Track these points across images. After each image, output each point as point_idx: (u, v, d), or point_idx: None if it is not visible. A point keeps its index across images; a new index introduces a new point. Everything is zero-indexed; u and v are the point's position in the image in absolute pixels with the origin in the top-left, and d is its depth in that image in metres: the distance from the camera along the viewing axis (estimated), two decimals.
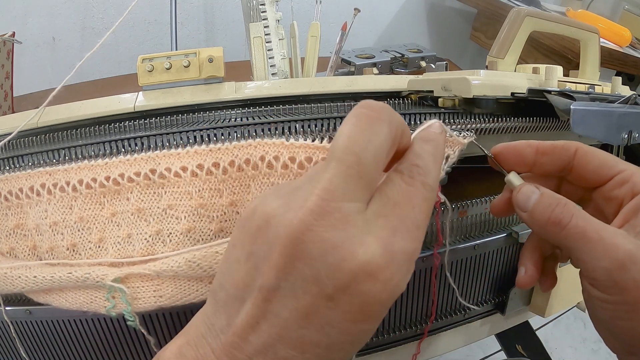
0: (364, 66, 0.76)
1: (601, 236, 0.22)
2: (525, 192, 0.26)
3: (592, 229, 0.23)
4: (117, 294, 0.28)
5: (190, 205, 0.28)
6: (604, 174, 0.25)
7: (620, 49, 0.88)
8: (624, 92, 0.40)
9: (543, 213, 0.25)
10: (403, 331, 0.37)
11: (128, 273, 0.27)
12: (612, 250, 0.22)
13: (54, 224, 0.29)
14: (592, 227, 0.23)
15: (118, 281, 0.27)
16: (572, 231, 0.23)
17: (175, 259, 0.27)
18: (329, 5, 0.98)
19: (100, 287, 0.28)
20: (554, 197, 0.25)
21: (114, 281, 0.27)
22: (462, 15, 1.23)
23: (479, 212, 0.37)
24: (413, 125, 0.35)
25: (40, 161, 0.31)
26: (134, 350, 0.33)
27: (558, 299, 0.41)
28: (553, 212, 0.24)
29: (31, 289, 0.29)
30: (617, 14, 1.01)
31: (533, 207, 0.25)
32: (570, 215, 0.24)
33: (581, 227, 0.23)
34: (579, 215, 0.24)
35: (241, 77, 0.40)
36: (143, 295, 0.28)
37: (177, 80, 0.36)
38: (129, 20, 0.92)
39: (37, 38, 0.86)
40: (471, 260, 0.38)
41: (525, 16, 0.44)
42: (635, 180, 0.24)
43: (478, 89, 0.33)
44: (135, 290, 0.28)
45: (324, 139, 0.27)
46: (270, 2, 0.46)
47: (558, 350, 1.16)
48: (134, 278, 0.28)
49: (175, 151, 0.28)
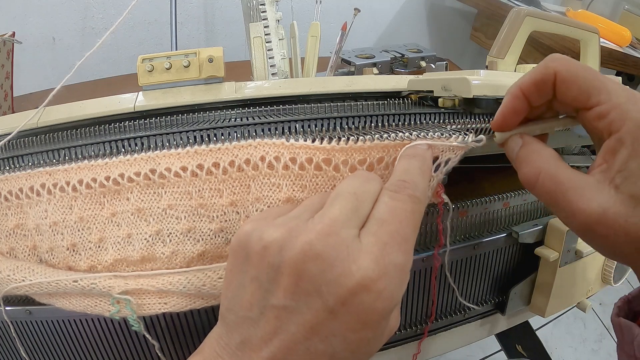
0: (364, 66, 0.76)
1: (569, 198, 0.22)
2: (510, 145, 0.25)
3: (559, 188, 0.22)
4: (122, 301, 0.28)
5: (190, 205, 0.28)
6: (583, 101, 0.23)
7: (620, 49, 0.88)
8: None
9: (520, 169, 0.24)
10: (403, 331, 0.37)
11: (134, 288, 0.28)
12: (578, 214, 0.21)
13: (54, 224, 0.29)
14: (558, 187, 0.22)
15: (124, 293, 0.28)
16: (540, 191, 0.23)
17: (181, 279, 0.28)
18: (329, 5, 0.98)
19: (106, 295, 0.28)
20: (526, 151, 0.24)
21: (121, 294, 0.27)
22: (462, 15, 1.23)
23: (479, 212, 0.37)
24: (413, 125, 0.35)
25: (40, 161, 0.31)
26: (134, 350, 0.33)
27: (558, 299, 0.41)
28: (523, 169, 0.24)
29: (35, 293, 0.29)
30: (617, 14, 1.01)
31: (515, 161, 0.25)
32: (536, 174, 0.23)
33: (547, 186, 0.23)
34: (547, 173, 0.23)
35: (241, 77, 0.40)
36: (148, 302, 0.28)
37: (177, 80, 0.36)
38: (129, 20, 0.92)
39: (37, 38, 0.86)
40: (471, 260, 0.38)
41: (525, 16, 0.44)
42: (612, 118, 0.21)
43: (478, 89, 0.33)
44: (140, 297, 0.28)
45: (324, 139, 0.27)
46: (270, 2, 0.46)
47: (558, 350, 1.16)
48: (140, 290, 0.28)
49: (175, 151, 0.28)
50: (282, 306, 0.20)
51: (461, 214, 0.36)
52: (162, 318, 0.31)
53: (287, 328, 0.20)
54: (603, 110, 0.22)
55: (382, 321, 0.21)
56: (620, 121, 0.21)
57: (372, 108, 0.35)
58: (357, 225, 0.22)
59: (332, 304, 0.20)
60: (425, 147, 0.26)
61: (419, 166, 0.25)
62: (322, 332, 0.20)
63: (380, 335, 0.22)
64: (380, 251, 0.21)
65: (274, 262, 0.21)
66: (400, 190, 0.23)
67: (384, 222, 0.22)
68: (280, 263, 0.20)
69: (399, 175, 0.24)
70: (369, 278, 0.20)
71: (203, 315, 0.32)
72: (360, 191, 0.23)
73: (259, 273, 0.21)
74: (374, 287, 0.20)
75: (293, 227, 0.21)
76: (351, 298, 0.20)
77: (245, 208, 0.28)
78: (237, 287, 0.22)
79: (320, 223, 0.21)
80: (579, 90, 0.23)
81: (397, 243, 0.21)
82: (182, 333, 0.33)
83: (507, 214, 0.39)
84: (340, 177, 0.27)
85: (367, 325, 0.20)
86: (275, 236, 0.21)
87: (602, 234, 0.21)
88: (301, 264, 0.20)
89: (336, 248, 0.20)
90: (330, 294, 0.20)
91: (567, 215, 0.22)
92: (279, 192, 0.27)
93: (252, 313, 0.21)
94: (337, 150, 0.27)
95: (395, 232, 0.21)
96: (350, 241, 0.21)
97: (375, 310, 0.20)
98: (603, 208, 0.21)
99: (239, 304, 0.22)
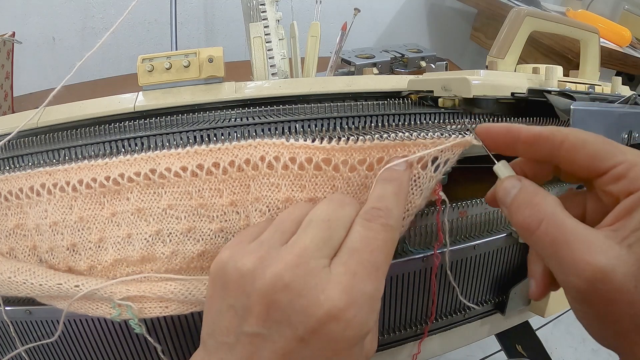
0: (364, 66, 0.76)
1: (572, 249, 0.20)
2: (505, 186, 0.24)
3: (564, 238, 0.20)
4: (123, 305, 0.28)
5: (190, 205, 0.28)
6: (597, 167, 0.22)
7: (620, 49, 0.88)
8: (624, 92, 0.40)
9: (516, 213, 0.22)
10: (403, 331, 0.37)
11: (136, 295, 0.28)
12: (582, 268, 0.19)
13: (54, 224, 0.29)
14: (563, 237, 0.20)
15: (125, 299, 0.28)
16: (540, 239, 0.21)
17: (182, 289, 0.28)
18: (329, 5, 0.98)
19: (107, 300, 0.28)
20: (527, 194, 0.23)
21: (122, 300, 0.28)
22: (462, 15, 1.23)
23: (479, 212, 0.37)
24: (413, 125, 0.35)
25: (40, 161, 0.31)
26: (134, 350, 0.33)
27: (558, 299, 0.41)
28: (522, 214, 0.22)
29: (37, 296, 0.29)
30: (617, 14, 1.01)
31: (510, 204, 0.23)
32: (539, 220, 0.21)
33: (550, 235, 0.21)
34: (551, 220, 0.21)
35: (241, 77, 0.40)
36: (149, 306, 0.28)
37: (177, 80, 0.36)
38: (129, 20, 0.92)
39: (37, 38, 0.86)
40: (471, 260, 0.38)
41: (525, 16, 0.44)
42: (632, 176, 0.20)
43: (478, 89, 0.33)
44: (141, 301, 0.28)
45: (324, 139, 0.27)
46: (270, 2, 0.46)
47: (558, 350, 1.16)
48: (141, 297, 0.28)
49: (175, 151, 0.28)
50: (255, 333, 0.21)
51: (461, 214, 0.36)
52: (163, 319, 0.31)
53: (261, 354, 0.21)
54: (621, 170, 0.21)
55: (354, 348, 0.21)
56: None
57: (372, 108, 0.35)
58: (328, 254, 0.22)
59: (302, 332, 0.20)
60: (403, 168, 0.25)
61: (394, 192, 0.24)
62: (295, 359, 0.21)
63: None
64: (349, 281, 0.21)
65: (247, 291, 0.21)
66: (373, 219, 0.23)
67: (355, 251, 0.22)
68: (251, 292, 0.21)
69: (373, 202, 0.24)
70: (337, 308, 0.20)
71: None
72: (334, 218, 0.23)
73: (235, 301, 0.22)
74: (342, 317, 0.20)
75: (265, 256, 0.22)
76: (320, 327, 0.20)
77: (245, 208, 0.28)
78: (216, 313, 0.23)
79: (290, 253, 0.22)
80: (591, 154, 0.22)
81: (368, 272, 0.21)
82: (183, 334, 0.33)
83: None
84: (340, 177, 0.27)
85: (338, 353, 0.21)
86: (248, 266, 0.22)
87: (604, 297, 0.19)
88: (271, 294, 0.21)
89: (305, 278, 0.21)
90: (300, 323, 0.20)
91: (569, 269, 0.20)
92: (278, 192, 0.27)
93: (229, 339, 0.22)
94: (337, 150, 0.26)
95: (366, 261, 0.22)
96: (319, 271, 0.21)
97: (345, 338, 0.21)
98: (612, 265, 0.19)
99: (217, 329, 0.23)
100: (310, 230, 0.23)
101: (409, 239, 0.34)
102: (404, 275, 0.35)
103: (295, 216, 0.24)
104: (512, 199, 0.23)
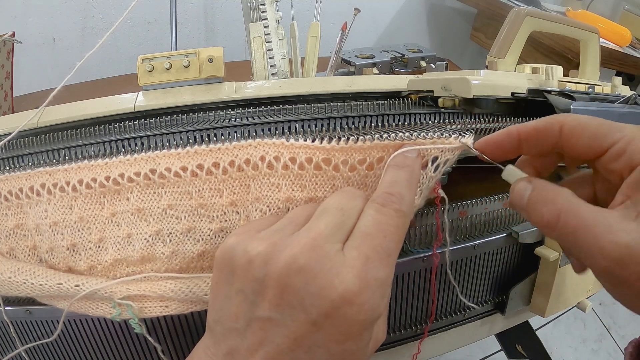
0: (364, 66, 0.76)
1: (594, 234, 0.20)
2: (518, 190, 0.24)
3: (584, 225, 0.21)
4: (123, 305, 0.28)
5: (190, 205, 0.28)
6: (597, 147, 0.22)
7: (620, 49, 0.88)
8: (624, 92, 0.40)
9: (534, 213, 0.23)
10: (403, 331, 0.37)
11: (137, 294, 0.28)
12: (608, 249, 0.20)
13: (54, 224, 0.29)
14: (583, 224, 0.21)
15: (125, 299, 0.28)
16: (562, 231, 0.21)
17: (182, 287, 0.28)
18: (329, 5, 0.98)
19: (107, 299, 0.28)
20: (540, 193, 0.23)
21: (122, 299, 0.28)
22: (462, 15, 1.23)
23: (479, 212, 0.37)
24: (413, 125, 0.35)
25: (40, 161, 0.31)
26: (134, 350, 0.33)
27: (558, 299, 0.41)
28: (540, 213, 0.22)
29: (37, 296, 0.29)
30: (617, 14, 1.01)
31: (526, 206, 0.23)
32: (557, 214, 0.21)
33: (571, 225, 0.21)
34: (569, 211, 0.21)
35: (241, 77, 0.40)
36: (149, 305, 0.28)
37: (177, 80, 0.36)
38: (129, 20, 0.92)
39: (37, 38, 0.86)
40: (471, 260, 0.38)
41: (525, 16, 0.44)
42: (631, 150, 0.21)
43: (478, 89, 0.33)
44: (141, 301, 0.28)
45: (324, 139, 0.27)
46: (270, 2, 0.46)
47: (558, 350, 1.16)
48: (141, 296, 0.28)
49: (175, 151, 0.28)
50: (267, 318, 0.21)
51: (461, 214, 0.36)
52: (163, 319, 0.32)
53: (273, 339, 0.21)
54: (620, 147, 0.21)
55: (365, 333, 0.21)
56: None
57: (372, 108, 0.35)
58: (342, 239, 0.22)
59: (315, 316, 0.20)
60: (415, 156, 0.26)
61: (406, 178, 0.25)
62: (306, 344, 0.21)
63: (364, 347, 0.22)
64: (362, 265, 0.21)
65: (258, 275, 0.21)
66: (386, 203, 0.23)
67: (367, 235, 0.22)
68: (264, 276, 0.21)
69: (386, 187, 0.24)
70: (351, 291, 0.20)
71: (204, 316, 0.32)
72: (347, 207, 0.23)
73: (244, 286, 0.22)
74: (356, 300, 0.20)
75: (277, 241, 0.22)
76: (334, 311, 0.20)
77: (245, 208, 0.28)
78: (224, 299, 0.23)
79: (305, 237, 0.22)
80: (590, 136, 0.22)
81: (380, 257, 0.22)
82: (183, 334, 0.33)
83: (507, 214, 0.39)
84: (340, 176, 0.27)
85: (350, 337, 0.21)
86: (259, 249, 0.22)
87: (633, 270, 0.19)
88: (285, 277, 0.21)
89: (319, 262, 0.21)
90: (314, 306, 0.20)
91: (595, 253, 0.20)
92: (279, 192, 0.27)
93: (239, 324, 0.22)
94: (337, 150, 0.27)
95: (379, 246, 0.22)
96: (334, 255, 0.21)
97: (358, 322, 0.21)
98: (636, 241, 0.19)
99: (225, 315, 0.22)
100: (324, 217, 0.23)
101: (409, 239, 0.35)
102: (404, 275, 0.35)
103: (307, 212, 0.24)
104: (527, 200, 0.23)
